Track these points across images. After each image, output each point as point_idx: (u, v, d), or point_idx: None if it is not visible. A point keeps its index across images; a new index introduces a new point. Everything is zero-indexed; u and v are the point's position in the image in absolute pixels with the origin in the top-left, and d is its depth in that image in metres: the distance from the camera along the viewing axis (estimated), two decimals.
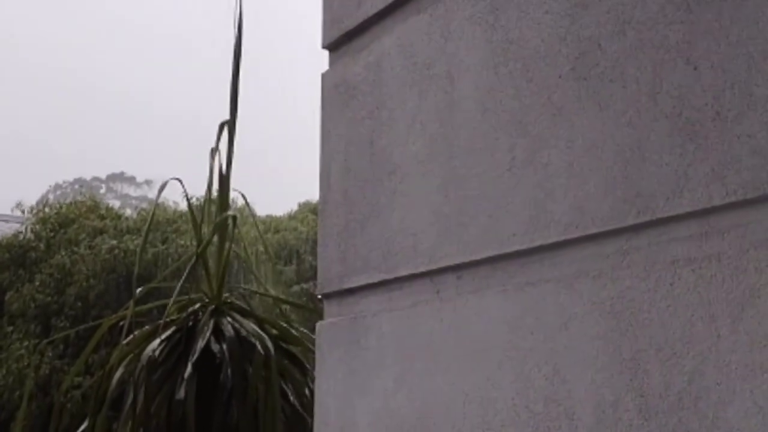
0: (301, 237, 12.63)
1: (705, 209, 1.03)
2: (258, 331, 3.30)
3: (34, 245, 8.94)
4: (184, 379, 3.08)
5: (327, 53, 1.75)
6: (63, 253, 8.62)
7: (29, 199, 11.86)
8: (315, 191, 1.83)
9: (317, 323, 1.71)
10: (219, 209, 3.53)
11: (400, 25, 1.54)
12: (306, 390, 3.28)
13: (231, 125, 3.53)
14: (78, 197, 10.75)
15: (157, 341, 3.20)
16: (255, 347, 3.19)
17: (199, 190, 3.81)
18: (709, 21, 1.05)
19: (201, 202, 3.82)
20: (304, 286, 9.84)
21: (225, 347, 3.22)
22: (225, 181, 3.51)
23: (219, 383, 3.17)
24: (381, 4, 1.58)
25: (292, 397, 3.29)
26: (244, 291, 3.71)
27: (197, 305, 3.44)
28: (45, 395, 7.16)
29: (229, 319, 3.35)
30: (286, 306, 3.91)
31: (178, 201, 9.81)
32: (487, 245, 1.34)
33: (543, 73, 1.26)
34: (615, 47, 1.16)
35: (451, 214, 1.41)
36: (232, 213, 3.50)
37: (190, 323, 3.35)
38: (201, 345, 3.18)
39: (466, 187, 1.39)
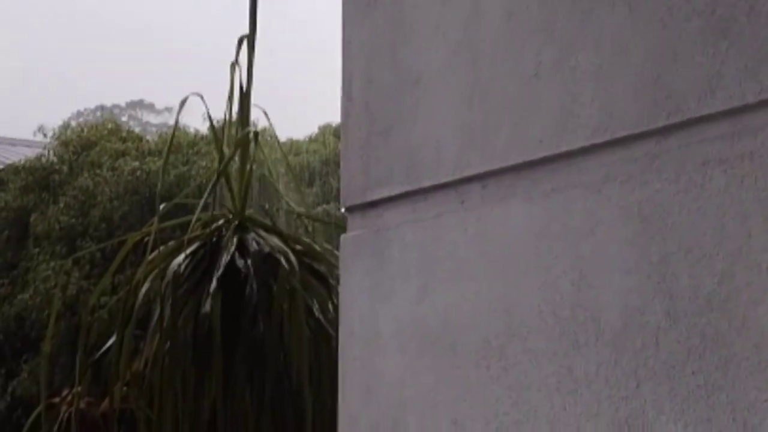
0: (322, 159, 12.63)
1: (738, 108, 1.00)
2: (282, 247, 3.32)
3: (57, 168, 8.99)
4: (209, 294, 3.11)
5: None
6: (86, 176, 8.66)
7: (51, 125, 11.89)
8: (335, 114, 1.81)
9: (341, 236, 1.71)
10: (240, 126, 3.52)
11: None
12: (330, 305, 3.31)
13: (251, 40, 3.49)
14: (99, 122, 10.77)
15: (182, 257, 3.22)
16: (279, 262, 3.21)
17: (220, 116, 3.80)
18: None
19: (222, 123, 3.81)
20: (326, 207, 9.87)
21: (249, 262, 3.23)
22: (245, 98, 3.49)
23: (244, 298, 3.20)
24: None
25: (316, 312, 3.32)
26: (267, 208, 3.71)
27: (221, 221, 3.45)
28: (72, 315, 7.27)
29: (253, 235, 3.37)
30: (309, 224, 3.92)
31: (198, 127, 9.79)
32: (513, 153, 1.32)
33: None
34: None
35: (476, 122, 1.40)
36: (253, 129, 3.48)
37: (214, 239, 3.37)
38: (225, 260, 3.20)
39: (490, 95, 1.36)
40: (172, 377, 3.13)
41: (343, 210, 1.72)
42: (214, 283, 3.10)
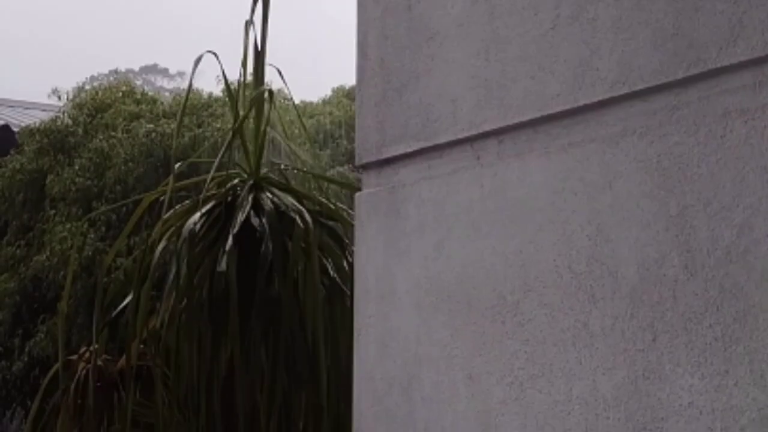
0: (336, 121, 12.57)
1: (759, 58, 0.99)
2: (297, 206, 3.31)
3: (72, 130, 8.99)
4: (225, 252, 3.11)
5: None
6: (100, 138, 8.66)
7: (66, 89, 11.88)
8: (349, 76, 1.80)
9: (356, 194, 1.71)
10: (255, 84, 3.50)
11: None
12: (345, 264, 3.30)
13: (265, 1, 3.47)
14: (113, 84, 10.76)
15: (198, 215, 3.22)
16: (294, 221, 3.20)
17: (234, 79, 3.78)
18: None
19: (236, 85, 3.79)
20: (339, 169, 9.84)
21: (265, 221, 3.23)
22: (260, 57, 3.47)
23: (260, 257, 3.20)
24: None
25: (331, 271, 3.32)
26: (282, 168, 3.71)
27: (236, 181, 3.45)
28: (89, 276, 7.31)
29: (268, 194, 3.36)
30: (324, 185, 3.91)
31: (212, 90, 9.75)
32: (530, 107, 1.31)
33: None
34: None
35: (492, 77, 1.38)
36: (268, 87, 3.47)
37: (229, 198, 3.37)
38: (241, 218, 3.19)
39: (507, 49, 1.35)
40: (188, 335, 3.15)
41: (358, 167, 1.72)
42: (230, 241, 3.10)
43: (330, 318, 3.23)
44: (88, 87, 10.26)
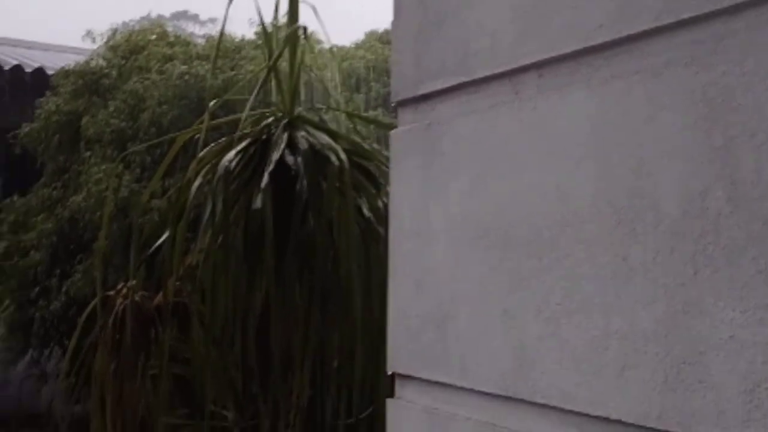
0: (369, 65, 12.48)
1: None
2: (332, 144, 3.30)
3: (106, 72, 8.99)
4: (260, 189, 3.12)
5: None
6: (134, 80, 8.66)
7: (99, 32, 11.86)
8: (381, 20, 1.77)
9: (391, 131, 1.69)
10: (289, 23, 3.48)
11: None
12: (380, 203, 3.30)
13: None
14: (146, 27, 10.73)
15: (233, 152, 3.23)
16: (329, 159, 3.20)
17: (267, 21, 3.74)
18: None
19: (271, 22, 3.76)
20: (372, 113, 9.81)
21: (299, 159, 3.23)
22: None
23: (294, 195, 3.21)
24: None
25: (366, 211, 3.32)
26: (316, 107, 3.69)
27: (270, 119, 3.45)
28: (125, 217, 7.37)
29: (303, 133, 3.35)
30: (358, 124, 3.90)
31: (245, 34, 9.71)
32: (571, 39, 1.29)
33: None
34: None
35: (533, 8, 1.36)
36: (302, 25, 3.44)
37: (264, 136, 3.37)
38: (276, 156, 3.19)
39: None
40: (224, 272, 3.17)
41: (394, 104, 1.70)
42: (265, 178, 3.10)
43: (365, 257, 3.24)
44: (120, 31, 10.23)
